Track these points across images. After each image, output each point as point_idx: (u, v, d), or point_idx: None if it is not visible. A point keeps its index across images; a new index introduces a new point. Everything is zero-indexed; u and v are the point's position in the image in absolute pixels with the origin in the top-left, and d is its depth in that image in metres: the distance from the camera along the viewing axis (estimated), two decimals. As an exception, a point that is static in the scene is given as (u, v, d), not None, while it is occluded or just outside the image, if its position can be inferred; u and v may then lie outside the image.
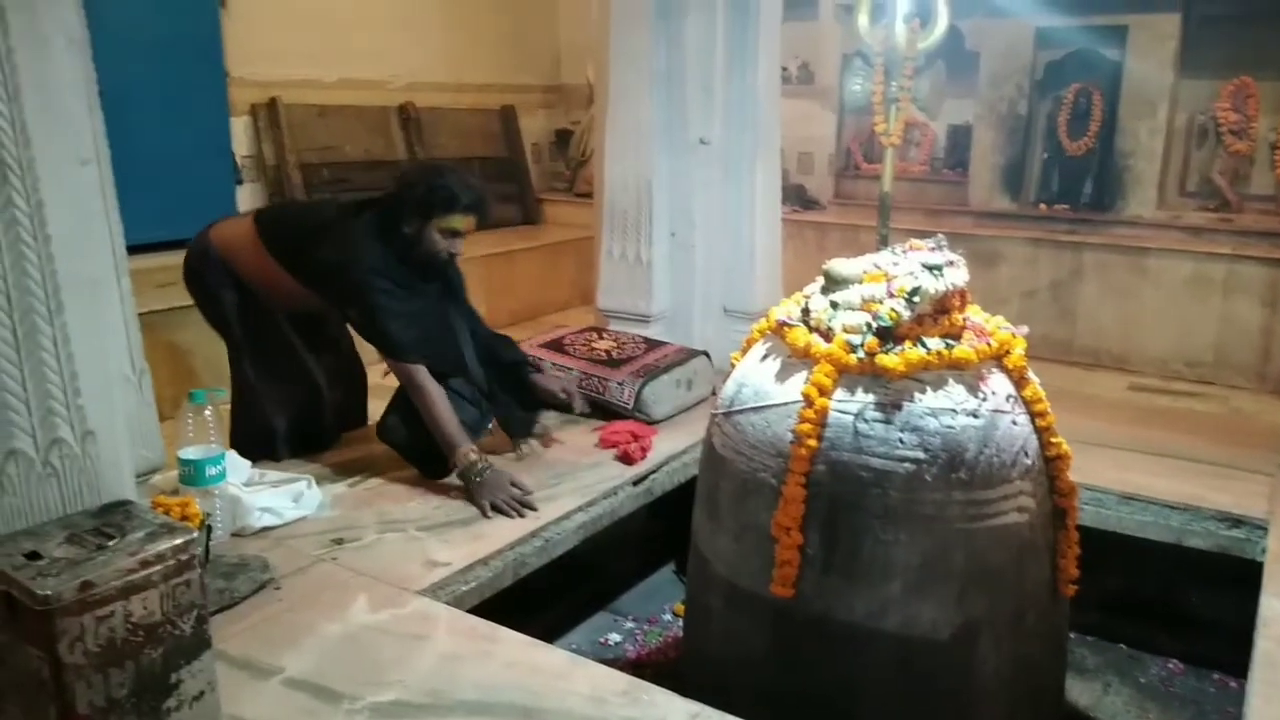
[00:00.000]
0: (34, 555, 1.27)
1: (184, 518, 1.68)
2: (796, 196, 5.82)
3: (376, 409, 2.45)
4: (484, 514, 2.17)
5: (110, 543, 1.30)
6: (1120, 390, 3.95)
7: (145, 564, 1.28)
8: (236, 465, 2.09)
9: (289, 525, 2.05)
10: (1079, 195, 5.25)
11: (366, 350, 2.56)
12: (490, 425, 2.55)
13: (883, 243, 3.00)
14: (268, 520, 2.02)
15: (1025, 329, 1.81)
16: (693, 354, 3.00)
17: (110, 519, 1.37)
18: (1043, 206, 5.29)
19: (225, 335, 2.49)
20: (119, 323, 1.62)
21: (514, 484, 2.24)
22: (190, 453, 1.89)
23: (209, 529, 1.79)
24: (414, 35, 6.08)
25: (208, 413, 1.91)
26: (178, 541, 1.31)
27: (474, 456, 2.22)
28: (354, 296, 2.26)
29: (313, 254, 2.30)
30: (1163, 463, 2.54)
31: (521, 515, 2.18)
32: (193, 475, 1.88)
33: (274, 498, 2.06)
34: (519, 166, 6.99)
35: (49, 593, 1.19)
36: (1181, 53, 4.87)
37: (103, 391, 1.48)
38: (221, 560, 1.79)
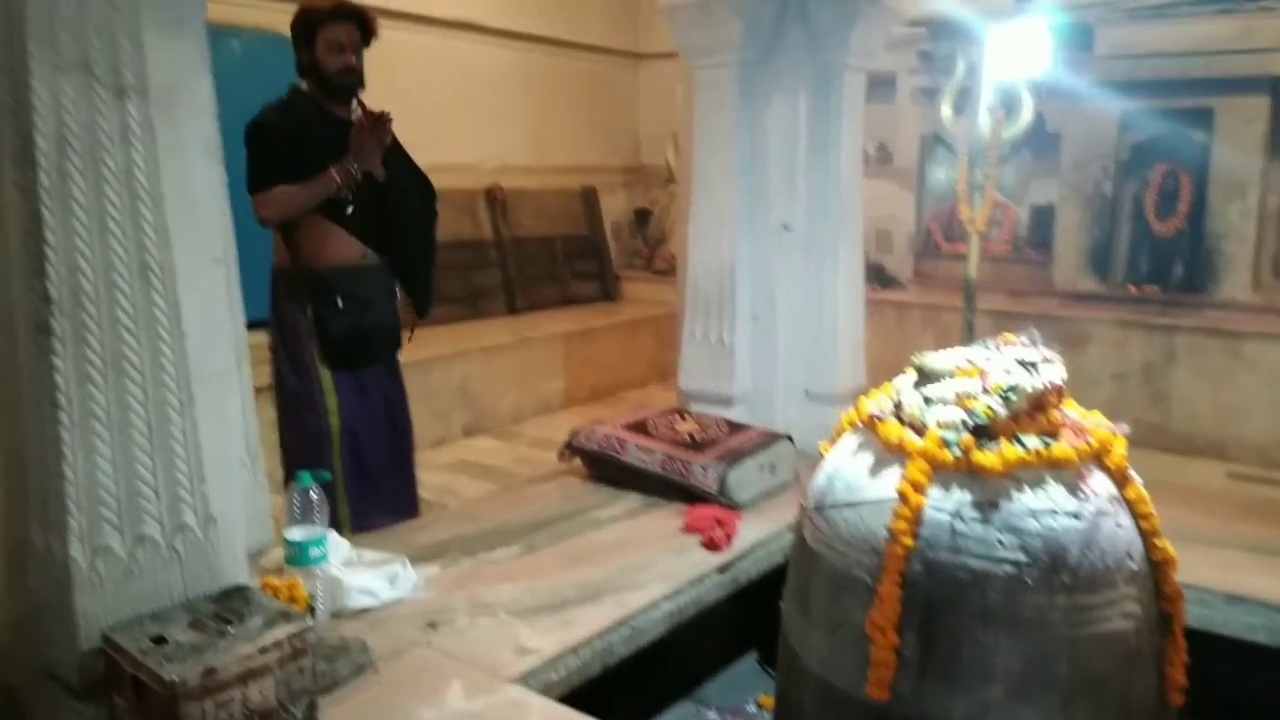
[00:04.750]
0: (160, 640, 1.33)
1: (291, 599, 1.74)
2: (876, 275, 5.84)
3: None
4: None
5: (230, 628, 1.36)
6: (1219, 479, 3.81)
7: (263, 650, 1.33)
8: (335, 544, 2.15)
9: (385, 607, 2.09)
10: (1169, 276, 5.15)
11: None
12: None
13: (969, 329, 2.98)
14: (365, 601, 2.07)
15: (1126, 428, 1.79)
16: (776, 437, 3.00)
17: (230, 604, 1.44)
18: (1132, 288, 5.20)
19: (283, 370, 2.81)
20: (239, 410, 1.70)
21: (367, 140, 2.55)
22: (295, 534, 1.95)
23: (312, 610, 1.84)
24: (503, 121, 6.33)
25: (313, 494, 1.98)
26: (293, 629, 1.37)
27: (335, 172, 2.55)
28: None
29: None
30: (1270, 560, 2.44)
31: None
32: (298, 556, 1.94)
33: (371, 578, 2.11)
34: (599, 245, 7.15)
35: (175, 679, 1.25)
36: (1271, 135, 4.80)
37: (224, 478, 1.56)
38: (323, 642, 1.83)
